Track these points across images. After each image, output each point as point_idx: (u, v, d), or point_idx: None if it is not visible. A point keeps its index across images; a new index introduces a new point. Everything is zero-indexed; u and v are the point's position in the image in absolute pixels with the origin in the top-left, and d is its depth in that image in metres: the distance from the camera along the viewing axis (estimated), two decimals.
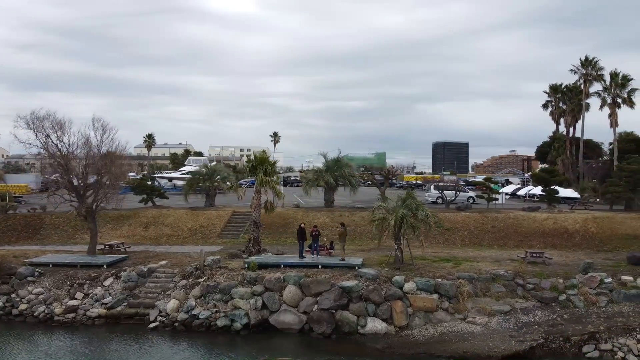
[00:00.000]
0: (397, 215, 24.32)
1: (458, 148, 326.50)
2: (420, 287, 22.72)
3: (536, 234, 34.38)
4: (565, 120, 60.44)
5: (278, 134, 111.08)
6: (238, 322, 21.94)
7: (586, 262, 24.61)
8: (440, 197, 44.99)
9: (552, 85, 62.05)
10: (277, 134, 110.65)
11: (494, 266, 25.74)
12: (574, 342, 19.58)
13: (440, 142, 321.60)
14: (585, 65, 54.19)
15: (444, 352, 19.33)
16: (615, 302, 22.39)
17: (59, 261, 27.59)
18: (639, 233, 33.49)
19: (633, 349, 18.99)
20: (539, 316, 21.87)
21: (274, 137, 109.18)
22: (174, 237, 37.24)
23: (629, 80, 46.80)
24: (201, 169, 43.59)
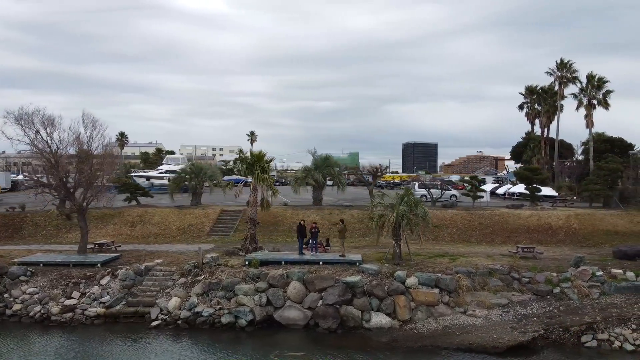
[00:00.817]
0: (398, 212, 24.71)
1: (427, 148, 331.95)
2: (422, 282, 23.18)
3: (522, 230, 35.41)
4: (541, 120, 62.30)
5: (255, 133, 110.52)
6: (243, 319, 21.92)
7: (577, 256, 25.54)
8: (424, 195, 45.73)
9: (527, 87, 63.87)
10: (254, 133, 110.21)
11: (487, 261, 26.41)
12: (573, 332, 20.34)
13: (410, 143, 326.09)
14: (560, 67, 56.03)
15: (450, 344, 19.79)
16: (607, 294, 23.32)
17: (51, 260, 26.93)
18: (619, 229, 34.91)
19: (629, 338, 19.87)
20: (536, 308, 22.60)
21: (251, 136, 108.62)
22: (161, 236, 36.78)
23: (605, 82, 48.63)
24: (187, 167, 43.09)
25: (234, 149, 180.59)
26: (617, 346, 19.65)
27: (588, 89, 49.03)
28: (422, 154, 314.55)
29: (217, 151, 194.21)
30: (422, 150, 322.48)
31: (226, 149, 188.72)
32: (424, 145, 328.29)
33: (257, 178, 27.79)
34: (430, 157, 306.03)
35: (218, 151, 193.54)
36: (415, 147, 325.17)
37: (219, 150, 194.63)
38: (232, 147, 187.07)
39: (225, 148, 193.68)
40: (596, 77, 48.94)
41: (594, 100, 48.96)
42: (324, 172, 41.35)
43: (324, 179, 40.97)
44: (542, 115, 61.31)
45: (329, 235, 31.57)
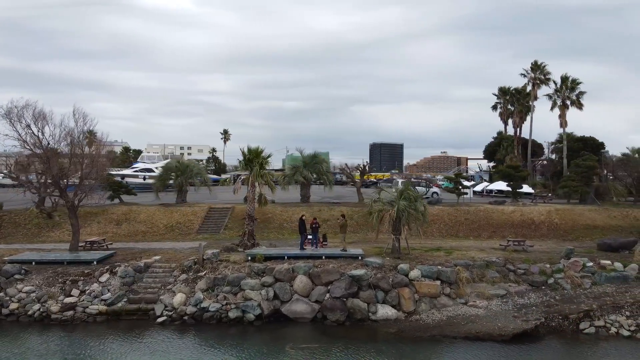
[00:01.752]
0: (399, 207, 25.23)
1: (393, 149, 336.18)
2: (425, 274, 23.76)
3: (506, 225, 36.56)
4: (514, 120, 64.33)
5: (228, 131, 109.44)
6: (251, 313, 21.97)
7: (568, 248, 26.70)
8: None
9: (500, 88, 65.83)
10: (227, 131, 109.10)
11: (481, 254, 27.26)
12: (572, 320, 21.29)
13: (377, 143, 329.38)
14: (534, 69, 58.03)
15: (457, 333, 20.40)
16: (598, 284, 24.47)
17: (44, 258, 26.24)
18: (597, 223, 36.52)
19: (624, 324, 20.93)
20: (533, 298, 23.51)
21: (224, 134, 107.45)
22: (149, 234, 36.28)
23: (578, 83, 50.70)
24: (173, 165, 42.54)
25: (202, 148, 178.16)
26: (614, 332, 20.67)
27: (562, 90, 50.98)
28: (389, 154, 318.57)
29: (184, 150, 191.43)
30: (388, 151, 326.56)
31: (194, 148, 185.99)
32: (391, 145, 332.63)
33: (255, 174, 27.81)
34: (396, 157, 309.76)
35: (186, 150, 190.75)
36: (382, 147, 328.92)
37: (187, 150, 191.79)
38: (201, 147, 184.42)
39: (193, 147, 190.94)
40: (570, 78, 50.99)
41: (568, 101, 50.94)
42: (311, 169, 41.56)
43: (312, 176, 41.20)
44: (515, 115, 63.27)
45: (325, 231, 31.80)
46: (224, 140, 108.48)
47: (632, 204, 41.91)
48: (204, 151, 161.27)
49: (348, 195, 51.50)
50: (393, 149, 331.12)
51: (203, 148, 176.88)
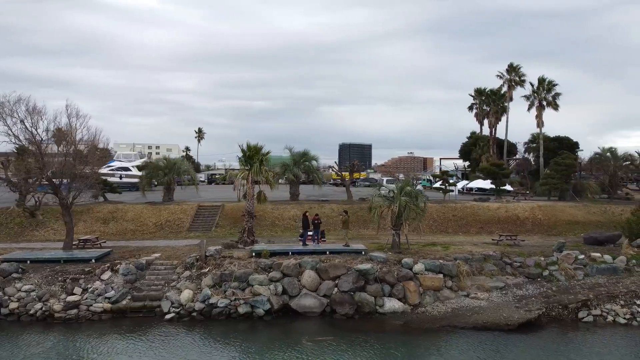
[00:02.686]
0: (401, 203, 25.75)
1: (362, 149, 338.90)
2: (428, 268, 24.35)
3: (493, 221, 37.67)
4: (489, 121, 66.08)
5: (202, 130, 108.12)
6: (261, 308, 22.06)
7: (560, 242, 27.78)
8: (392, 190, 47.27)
9: (477, 89, 67.53)
10: (202, 130, 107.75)
11: (477, 249, 28.08)
12: (571, 309, 22.23)
13: (346, 144, 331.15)
14: (509, 71, 59.83)
15: (466, 324, 21.02)
16: (590, 275, 25.58)
17: (40, 257, 25.60)
18: (578, 219, 38.03)
19: (619, 312, 21.99)
20: (531, 290, 24.41)
21: (199, 133, 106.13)
22: (138, 232, 35.82)
23: (554, 85, 52.62)
24: (159, 162, 41.96)
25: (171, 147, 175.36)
26: (611, 320, 21.70)
27: (540, 91, 52.77)
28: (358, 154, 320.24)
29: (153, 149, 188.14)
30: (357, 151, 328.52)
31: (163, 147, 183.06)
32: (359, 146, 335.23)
33: (255, 171, 27.82)
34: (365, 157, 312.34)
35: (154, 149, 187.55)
36: (351, 147, 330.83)
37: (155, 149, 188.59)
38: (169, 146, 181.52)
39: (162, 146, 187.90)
40: (546, 80, 52.84)
41: (544, 102, 52.77)
42: (301, 167, 41.75)
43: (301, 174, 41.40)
44: (490, 115, 64.98)
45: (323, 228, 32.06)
46: (198, 140, 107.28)
47: (608, 200, 43.70)
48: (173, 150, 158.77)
49: (332, 194, 51.95)
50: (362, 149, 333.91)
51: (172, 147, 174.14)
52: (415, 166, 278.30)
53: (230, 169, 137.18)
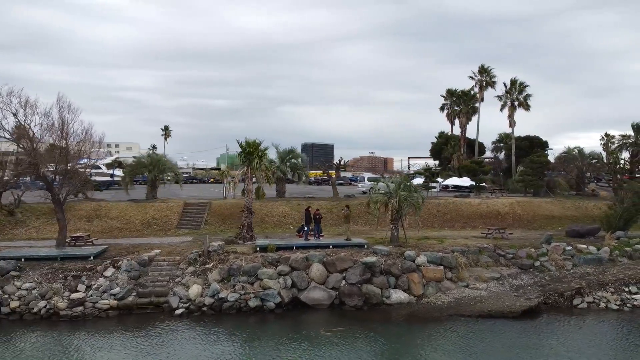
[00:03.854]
0: (400, 197, 26.43)
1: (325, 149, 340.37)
2: (430, 260, 25.12)
3: (475, 216, 39.00)
4: (460, 121, 67.98)
5: (169, 127, 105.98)
6: (271, 301, 22.24)
7: (548, 234, 29.20)
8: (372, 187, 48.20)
9: (448, 90, 69.33)
10: (168, 127, 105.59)
11: (469, 242, 29.13)
12: (566, 297, 23.46)
13: (309, 143, 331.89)
14: (481, 72, 61.87)
15: (472, 313, 21.86)
16: (578, 265, 27.01)
17: (34, 255, 24.86)
18: (555, 214, 39.89)
19: (610, 299, 23.37)
20: (525, 280, 25.57)
21: (165, 131, 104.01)
22: (125, 230, 35.17)
23: (525, 86, 54.87)
24: (144, 159, 41.21)
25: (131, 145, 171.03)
26: (604, 306, 23.04)
27: (512, 92, 54.85)
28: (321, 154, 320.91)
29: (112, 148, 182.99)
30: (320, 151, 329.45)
31: (122, 146, 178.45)
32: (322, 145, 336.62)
33: (255, 166, 27.89)
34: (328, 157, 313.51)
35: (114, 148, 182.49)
36: (314, 147, 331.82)
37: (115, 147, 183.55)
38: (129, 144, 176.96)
39: (121, 145, 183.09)
40: (518, 82, 54.99)
41: (516, 102, 54.88)
42: (288, 165, 41.95)
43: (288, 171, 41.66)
44: (461, 115, 66.89)
45: None
46: (165, 138, 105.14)
47: (579, 197, 45.94)
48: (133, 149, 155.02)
49: (314, 191, 52.39)
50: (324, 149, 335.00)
51: (132, 146, 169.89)
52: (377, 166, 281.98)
53: (196, 168, 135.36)
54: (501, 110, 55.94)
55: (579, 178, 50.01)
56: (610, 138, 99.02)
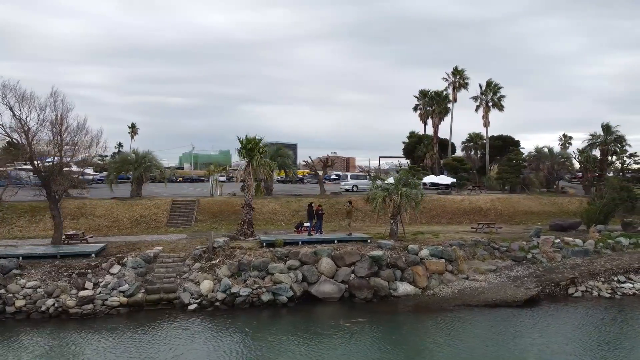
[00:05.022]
0: (402, 193, 27.14)
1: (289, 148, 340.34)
2: (432, 254, 25.92)
3: (460, 212, 40.29)
4: (433, 121, 69.60)
5: (136, 125, 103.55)
6: (284, 295, 22.45)
7: (537, 228, 30.61)
8: (355, 185, 49.08)
9: (421, 91, 70.87)
10: (135, 125, 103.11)
11: (461, 236, 30.16)
12: (562, 286, 24.72)
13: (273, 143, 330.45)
14: (454, 74, 63.66)
15: (478, 302, 22.77)
16: (567, 257, 28.47)
17: (33, 253, 24.16)
18: (533, 209, 41.67)
19: (602, 288, 24.80)
20: (521, 271, 26.75)
21: (132, 129, 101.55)
22: (114, 228, 34.50)
23: (499, 88, 56.91)
24: (128, 156, 40.40)
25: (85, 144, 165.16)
26: (597, 295, 24.42)
27: (487, 93, 56.76)
28: None
29: None
30: None
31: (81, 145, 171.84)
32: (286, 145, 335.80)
33: (256, 163, 27.97)
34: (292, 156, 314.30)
35: None
36: None
37: None
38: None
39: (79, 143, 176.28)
40: (492, 83, 56.98)
41: (490, 103, 56.83)
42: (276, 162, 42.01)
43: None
44: (434, 116, 68.52)
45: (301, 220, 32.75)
46: (132, 135, 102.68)
47: (550, 193, 48.09)
48: None
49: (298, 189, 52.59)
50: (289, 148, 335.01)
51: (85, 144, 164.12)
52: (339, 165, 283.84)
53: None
54: (476, 111, 57.87)
55: (549, 176, 52.25)
56: (568, 139, 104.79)
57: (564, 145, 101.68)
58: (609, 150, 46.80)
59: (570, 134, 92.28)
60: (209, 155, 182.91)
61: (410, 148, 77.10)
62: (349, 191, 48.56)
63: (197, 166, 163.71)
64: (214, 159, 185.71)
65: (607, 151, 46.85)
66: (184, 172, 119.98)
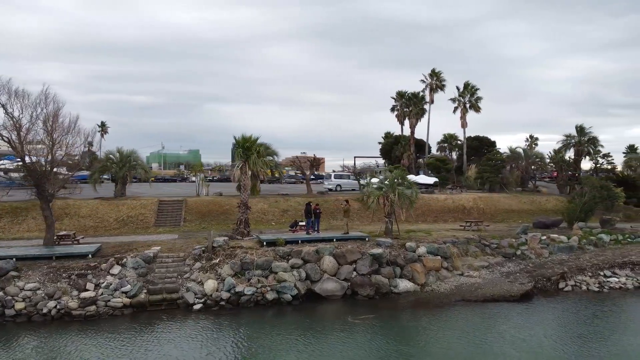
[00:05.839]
0: (398, 192, 27.66)
1: None
2: (429, 251, 26.52)
3: (444, 211, 41.20)
4: (410, 122, 70.69)
5: (106, 124, 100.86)
6: (288, 294, 22.60)
7: (524, 225, 31.70)
8: (339, 184, 49.54)
9: (398, 92, 71.82)
10: (105, 124, 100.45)
11: (450, 234, 30.93)
12: (553, 281, 25.70)
13: None
14: (432, 76, 64.85)
15: (477, 297, 23.47)
16: (553, 253, 29.59)
17: (27, 254, 23.52)
18: (513, 208, 42.99)
19: (590, 282, 25.92)
20: (512, 267, 27.67)
21: (102, 127, 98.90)
22: (100, 229, 33.85)
23: (477, 89, 58.28)
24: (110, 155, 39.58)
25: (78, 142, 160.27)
26: (585, 289, 25.50)
27: (465, 95, 58.10)
28: None
29: None
30: None
31: None
32: None
33: (253, 162, 27.97)
34: None
35: None
36: None
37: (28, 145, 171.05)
38: None
39: None
40: (470, 85, 58.37)
41: (468, 104, 58.20)
42: None
43: None
44: (411, 117, 69.61)
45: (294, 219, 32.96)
46: (102, 134, 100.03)
47: (525, 192, 49.65)
48: None
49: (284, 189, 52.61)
50: None
51: None
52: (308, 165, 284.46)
53: None
54: (454, 112, 59.09)
55: (524, 175, 53.93)
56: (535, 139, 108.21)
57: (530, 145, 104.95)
58: (582, 150, 48.75)
59: (533, 135, 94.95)
60: (177, 155, 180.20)
61: (388, 148, 78.01)
62: (332, 190, 48.93)
63: (165, 166, 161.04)
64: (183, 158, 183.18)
65: (581, 152, 48.79)
66: (153, 172, 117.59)
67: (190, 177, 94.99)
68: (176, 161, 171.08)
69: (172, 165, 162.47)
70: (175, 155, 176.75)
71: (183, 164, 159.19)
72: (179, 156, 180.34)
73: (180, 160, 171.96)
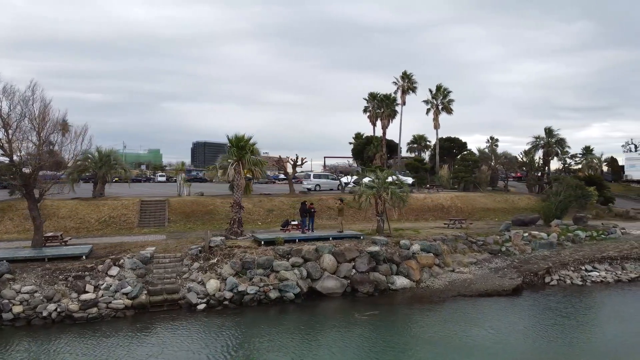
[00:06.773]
0: (391, 191, 28.22)
1: (218, 148, 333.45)
2: (423, 248, 27.20)
3: (424, 209, 42.17)
4: (383, 123, 71.79)
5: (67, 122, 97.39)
6: (290, 292, 22.74)
7: (506, 223, 32.87)
8: (318, 184, 49.86)
9: (370, 93, 72.72)
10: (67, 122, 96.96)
11: (435, 232, 31.77)
12: (540, 276, 26.85)
13: (201, 142, 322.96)
14: (403, 78, 66.08)
15: (471, 292, 24.27)
16: (535, 249, 30.85)
17: (17, 256, 22.72)
18: (489, 206, 44.44)
19: (573, 277, 27.21)
20: (499, 263, 28.71)
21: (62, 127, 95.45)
22: (82, 230, 33.02)
23: (449, 92, 59.86)
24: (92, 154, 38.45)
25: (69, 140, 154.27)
26: (569, 282, 26.76)
27: (437, 97, 59.52)
28: (214, 152, 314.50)
29: None
30: (213, 150, 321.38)
31: None
32: (215, 144, 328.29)
33: (248, 160, 27.93)
34: None
35: None
36: (206, 146, 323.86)
37: None
38: None
39: None
40: (442, 87, 59.86)
41: (441, 106, 59.65)
42: None
43: None
44: (383, 118, 70.72)
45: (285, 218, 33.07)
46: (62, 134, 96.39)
47: (495, 191, 51.42)
48: None
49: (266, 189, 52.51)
50: (218, 148, 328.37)
51: None
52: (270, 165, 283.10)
53: None
54: (427, 114, 60.45)
55: (494, 175, 55.82)
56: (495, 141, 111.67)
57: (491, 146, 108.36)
58: (551, 151, 50.91)
59: (487, 136, 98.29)
60: (138, 155, 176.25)
61: (360, 149, 78.87)
62: (311, 190, 49.16)
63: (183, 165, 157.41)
64: (144, 158, 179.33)
65: (550, 152, 50.93)
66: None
67: (156, 176, 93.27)
68: (137, 161, 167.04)
69: (133, 165, 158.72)
70: (135, 155, 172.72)
71: (144, 163, 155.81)
72: (139, 156, 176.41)
73: (140, 159, 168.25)
